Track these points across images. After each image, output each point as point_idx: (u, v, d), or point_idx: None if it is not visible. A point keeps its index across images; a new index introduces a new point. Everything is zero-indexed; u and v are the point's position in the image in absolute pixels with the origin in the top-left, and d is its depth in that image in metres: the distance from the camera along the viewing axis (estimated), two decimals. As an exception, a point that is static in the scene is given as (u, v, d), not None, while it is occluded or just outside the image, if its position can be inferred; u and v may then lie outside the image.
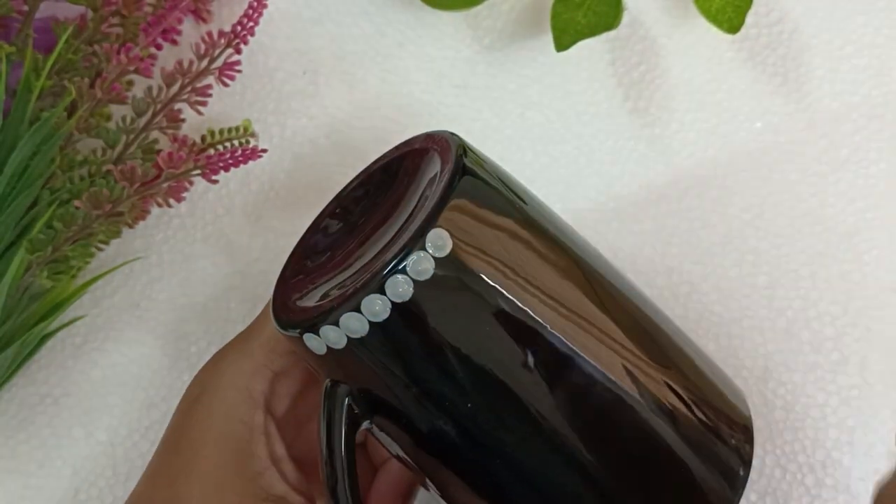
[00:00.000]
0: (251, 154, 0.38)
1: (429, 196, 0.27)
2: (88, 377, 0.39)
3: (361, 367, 0.27)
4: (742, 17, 0.39)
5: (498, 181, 0.28)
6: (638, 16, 0.42)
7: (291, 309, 0.28)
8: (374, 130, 0.42)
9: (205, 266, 0.40)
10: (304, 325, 0.27)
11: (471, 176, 0.27)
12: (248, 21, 0.38)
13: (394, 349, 0.26)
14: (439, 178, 0.27)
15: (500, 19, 0.43)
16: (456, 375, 0.26)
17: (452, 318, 0.26)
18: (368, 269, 0.26)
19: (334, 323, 0.26)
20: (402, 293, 0.25)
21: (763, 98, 0.42)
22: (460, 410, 0.27)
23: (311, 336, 0.27)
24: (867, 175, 0.41)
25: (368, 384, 0.28)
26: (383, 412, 0.28)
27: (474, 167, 0.27)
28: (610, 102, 0.42)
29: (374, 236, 0.28)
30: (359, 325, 0.26)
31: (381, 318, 0.25)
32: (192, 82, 0.37)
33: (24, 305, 0.36)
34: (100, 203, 0.36)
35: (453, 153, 0.27)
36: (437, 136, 0.29)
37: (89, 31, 0.38)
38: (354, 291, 0.25)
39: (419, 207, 0.27)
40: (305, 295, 0.29)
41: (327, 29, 0.42)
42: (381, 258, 0.26)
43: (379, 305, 0.25)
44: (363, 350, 0.26)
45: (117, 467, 0.38)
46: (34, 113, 0.36)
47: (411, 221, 0.26)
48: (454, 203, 0.26)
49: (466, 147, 0.28)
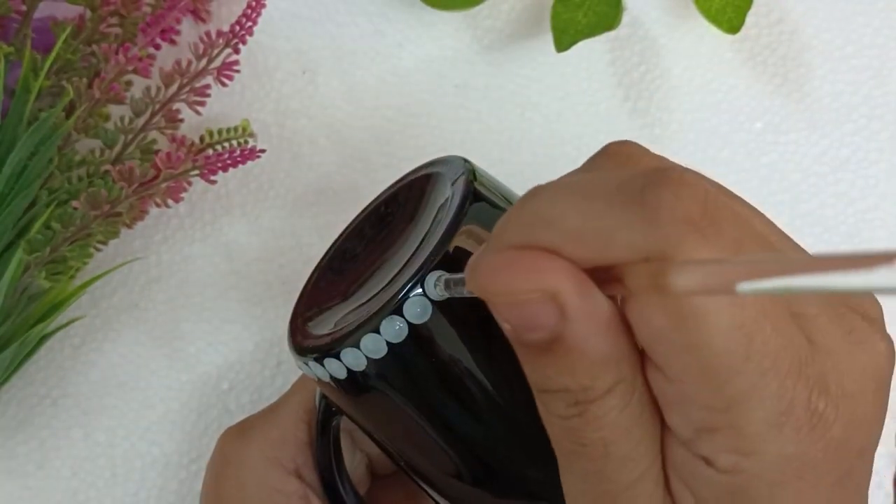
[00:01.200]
0: (250, 154, 0.38)
1: (440, 222, 0.27)
2: (87, 378, 0.39)
3: (377, 390, 0.27)
4: (742, 18, 0.39)
5: (508, 205, 0.28)
6: (638, 16, 0.42)
7: (306, 335, 0.29)
8: (374, 130, 0.41)
9: (204, 266, 0.40)
10: (321, 351, 0.27)
11: (481, 201, 0.27)
12: (247, 21, 0.38)
13: (411, 369, 0.26)
14: (449, 204, 0.27)
15: (500, 19, 0.43)
16: (472, 393, 0.27)
17: (463, 342, 0.26)
18: (384, 293, 0.26)
19: (354, 345, 0.26)
20: (419, 314, 0.25)
21: (763, 98, 0.42)
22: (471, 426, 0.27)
23: (331, 360, 0.27)
24: (867, 175, 0.41)
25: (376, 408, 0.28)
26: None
27: (484, 192, 0.27)
28: (610, 102, 0.42)
29: (387, 264, 0.28)
30: (378, 347, 0.26)
31: (399, 338, 0.26)
32: (190, 82, 0.37)
33: (22, 306, 0.36)
34: (98, 203, 0.35)
35: (463, 178, 0.28)
36: (447, 161, 0.30)
37: (88, 31, 0.38)
38: (373, 315, 0.26)
39: (429, 235, 0.27)
40: (319, 320, 0.29)
41: (327, 29, 0.42)
42: (402, 278, 0.26)
43: (398, 327, 0.25)
44: (385, 370, 0.26)
45: (116, 468, 0.38)
46: (32, 113, 0.36)
47: (422, 250, 0.26)
48: (464, 230, 0.26)
49: (476, 172, 0.28)
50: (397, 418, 0.28)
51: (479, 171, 0.29)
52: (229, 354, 0.39)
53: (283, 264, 0.40)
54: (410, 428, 0.28)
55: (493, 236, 0.20)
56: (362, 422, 0.29)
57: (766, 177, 0.41)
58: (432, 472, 0.29)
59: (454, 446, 0.27)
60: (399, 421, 0.28)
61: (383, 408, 0.27)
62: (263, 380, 0.39)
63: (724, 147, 0.41)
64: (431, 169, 0.30)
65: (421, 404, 0.27)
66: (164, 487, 0.38)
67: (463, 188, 0.27)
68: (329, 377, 0.27)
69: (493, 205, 0.28)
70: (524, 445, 0.27)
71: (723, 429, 0.19)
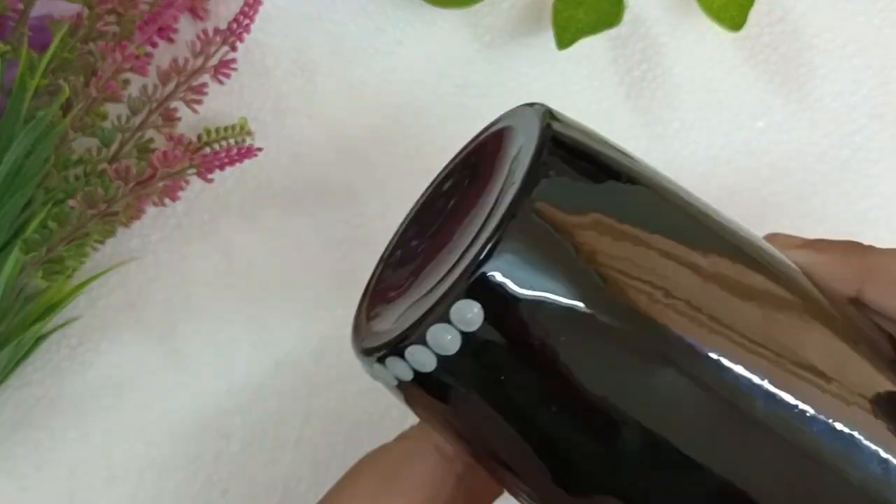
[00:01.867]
0: (248, 153, 0.38)
1: (515, 173, 0.22)
2: (84, 378, 0.39)
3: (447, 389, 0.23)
4: (745, 15, 0.39)
5: (602, 145, 0.23)
6: (640, 13, 0.42)
7: (369, 334, 0.24)
8: (373, 129, 0.41)
9: (201, 266, 0.40)
10: (384, 349, 0.22)
11: (563, 144, 0.22)
12: (245, 18, 0.38)
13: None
14: (518, 158, 0.22)
15: (501, 17, 0.42)
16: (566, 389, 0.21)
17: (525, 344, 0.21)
18: (450, 277, 0.22)
19: (420, 342, 0.21)
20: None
21: (765, 97, 0.42)
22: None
23: (394, 360, 0.22)
24: (869, 175, 0.41)
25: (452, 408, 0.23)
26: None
27: (566, 134, 0.22)
28: (611, 100, 0.42)
29: (456, 240, 0.24)
30: (449, 340, 0.21)
31: (474, 327, 0.21)
32: (187, 80, 0.37)
33: (18, 306, 0.36)
34: (95, 202, 0.35)
35: (537, 124, 0.23)
36: (517, 113, 0.25)
37: (85, 29, 0.37)
38: (439, 301, 0.21)
39: (503, 194, 0.22)
40: (383, 317, 0.25)
41: (325, 26, 0.42)
42: (467, 258, 0.21)
43: (472, 314, 0.20)
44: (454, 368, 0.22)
45: (113, 469, 0.38)
46: (29, 112, 0.36)
47: (494, 215, 0.22)
48: (548, 178, 0.21)
49: (553, 112, 0.23)
50: (483, 426, 0.23)
51: (559, 112, 0.24)
52: (227, 354, 0.39)
53: (281, 264, 0.40)
54: (499, 435, 0.23)
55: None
56: (448, 434, 0.25)
57: (768, 176, 0.41)
58: (523, 473, 0.24)
59: (540, 443, 0.22)
60: (485, 428, 0.23)
61: (467, 416, 0.23)
62: (261, 380, 0.39)
63: (725, 146, 0.41)
64: (500, 125, 0.26)
65: (510, 402, 0.22)
66: (162, 488, 0.38)
67: (539, 131, 0.22)
68: (397, 381, 0.23)
69: (580, 147, 0.23)
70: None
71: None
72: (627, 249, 0.21)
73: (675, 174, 0.41)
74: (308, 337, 0.39)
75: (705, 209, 0.24)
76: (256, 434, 0.38)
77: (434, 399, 0.23)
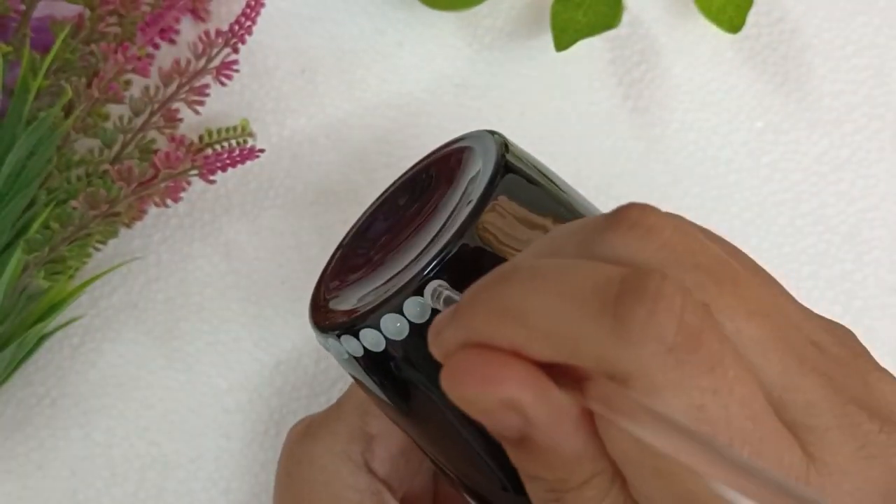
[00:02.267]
0: (249, 154, 0.38)
1: (471, 194, 0.26)
2: (86, 378, 0.39)
3: (397, 369, 0.27)
4: (743, 17, 0.39)
5: (543, 179, 0.28)
6: (638, 15, 0.42)
7: (328, 311, 0.28)
8: (374, 129, 0.41)
9: (203, 266, 0.40)
10: (342, 328, 0.26)
11: (513, 174, 0.26)
12: (246, 20, 0.38)
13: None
14: (479, 177, 0.27)
15: (500, 18, 0.42)
16: None
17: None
18: (406, 273, 0.26)
19: (374, 326, 0.25)
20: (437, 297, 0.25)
21: (764, 97, 0.42)
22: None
23: (348, 338, 0.26)
24: (868, 175, 0.41)
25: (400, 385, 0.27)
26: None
27: (517, 164, 0.27)
28: (610, 102, 0.42)
29: (415, 239, 0.28)
30: (398, 328, 0.25)
31: (423, 319, 0.25)
32: (189, 82, 0.37)
33: (21, 306, 0.36)
34: (97, 203, 0.35)
35: (495, 151, 0.27)
36: (478, 136, 0.29)
37: (87, 30, 0.38)
38: (395, 293, 0.25)
39: (458, 209, 0.26)
40: (342, 296, 0.28)
41: (326, 28, 0.42)
42: (423, 260, 0.26)
43: (419, 308, 0.25)
44: (400, 351, 0.26)
45: (115, 468, 0.38)
46: (31, 113, 0.36)
47: (449, 226, 0.26)
48: (496, 203, 0.25)
49: (509, 144, 0.28)
50: (421, 405, 0.27)
51: (512, 144, 0.28)
52: (228, 354, 0.39)
53: (282, 264, 0.40)
54: (433, 414, 0.27)
55: (459, 310, 0.20)
56: (387, 408, 0.28)
57: (767, 176, 0.41)
58: (455, 457, 0.28)
59: (473, 435, 0.27)
60: (423, 407, 0.27)
61: (407, 392, 0.27)
62: (262, 379, 0.39)
63: (724, 146, 0.41)
64: (463, 143, 0.30)
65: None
66: (164, 487, 0.38)
67: (494, 160, 0.26)
68: (347, 355, 0.27)
69: (528, 178, 0.27)
70: None
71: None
72: None
73: (674, 174, 0.42)
74: (308, 337, 0.39)
75: None
76: (257, 433, 0.39)
77: (377, 374, 0.27)
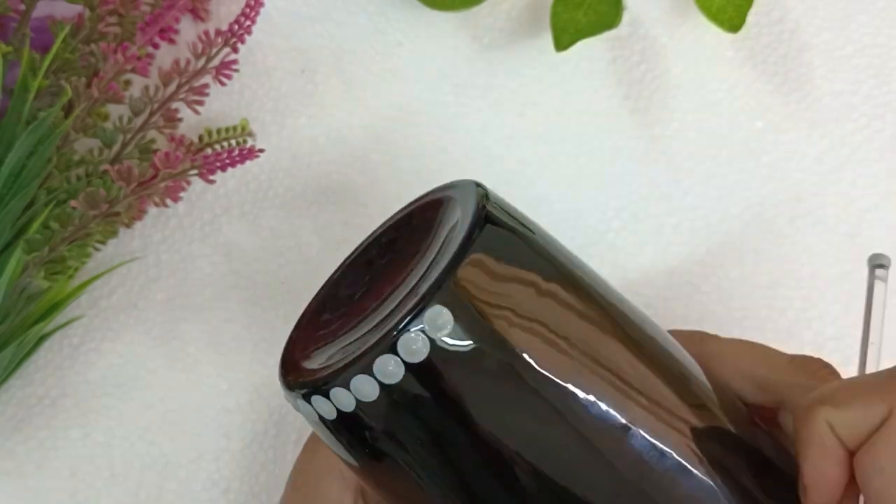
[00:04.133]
0: (249, 154, 0.38)
1: (447, 249, 0.25)
2: (86, 378, 0.39)
3: (370, 429, 0.25)
4: (743, 17, 0.39)
5: (524, 229, 0.27)
6: (638, 15, 0.42)
7: (299, 369, 0.27)
8: (373, 129, 0.41)
9: (202, 266, 0.40)
10: (312, 387, 0.25)
11: (493, 224, 0.25)
12: (246, 20, 0.38)
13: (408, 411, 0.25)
14: (458, 228, 0.26)
15: (500, 18, 0.42)
16: (476, 443, 0.25)
17: (469, 382, 0.24)
18: (380, 328, 0.24)
19: (344, 385, 0.24)
20: (415, 352, 0.23)
21: (764, 97, 0.42)
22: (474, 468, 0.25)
23: (318, 398, 0.25)
24: (868, 175, 0.41)
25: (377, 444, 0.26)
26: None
27: (497, 214, 0.26)
28: (610, 102, 0.42)
29: (391, 293, 0.27)
30: (370, 388, 0.24)
31: (394, 380, 0.24)
32: (189, 81, 0.37)
33: (21, 306, 0.36)
34: (97, 203, 0.35)
35: (474, 201, 0.26)
36: (459, 185, 0.28)
37: (86, 30, 0.38)
38: (365, 352, 0.24)
39: (436, 262, 0.25)
40: (313, 354, 0.27)
41: (326, 27, 0.42)
42: (392, 318, 0.24)
43: (392, 366, 0.23)
44: (375, 412, 0.25)
45: (115, 468, 0.38)
46: (31, 112, 0.36)
47: (426, 279, 0.25)
48: (472, 258, 0.24)
49: (490, 195, 0.26)
50: (393, 470, 0.26)
51: (493, 194, 0.27)
52: (228, 354, 0.39)
53: (282, 264, 0.40)
54: (403, 479, 0.26)
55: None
56: (356, 466, 0.27)
57: (767, 176, 0.41)
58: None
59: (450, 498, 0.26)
60: (393, 470, 0.26)
61: (377, 454, 0.26)
62: (262, 379, 0.39)
63: (724, 146, 0.41)
64: (443, 193, 0.28)
65: (418, 453, 0.25)
66: (163, 487, 0.38)
67: (473, 212, 0.25)
68: (318, 417, 0.25)
69: (509, 229, 0.26)
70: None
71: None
72: (535, 329, 0.25)
73: (673, 175, 0.42)
74: (308, 336, 0.39)
75: (611, 301, 0.27)
76: (257, 433, 0.39)
77: (347, 434, 0.26)
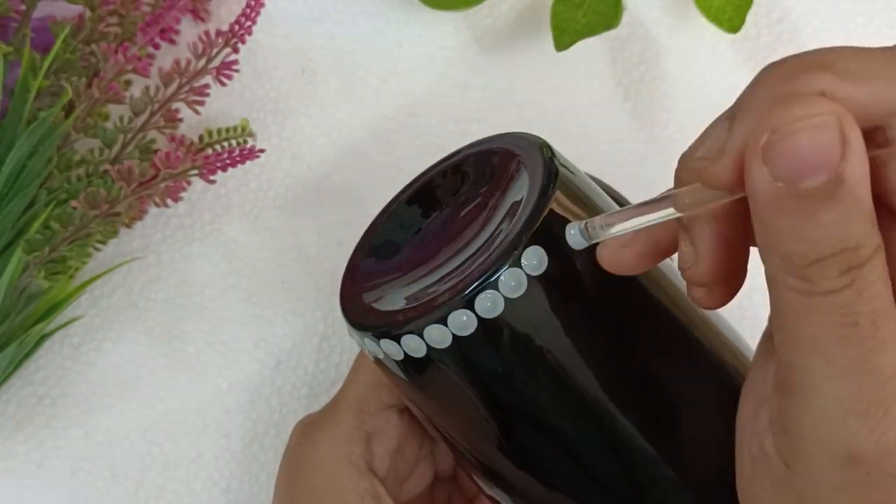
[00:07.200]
0: (249, 154, 0.38)
1: (524, 203, 0.25)
2: (86, 378, 0.39)
3: (443, 376, 0.26)
4: (742, 17, 0.39)
5: (589, 187, 0.27)
6: (638, 15, 0.42)
7: (365, 308, 0.27)
8: (374, 130, 0.41)
9: (203, 266, 0.40)
10: (383, 330, 0.25)
11: (563, 183, 0.26)
12: (246, 20, 0.38)
13: (489, 355, 0.25)
14: (532, 180, 0.26)
15: (500, 19, 0.43)
16: (544, 390, 0.25)
17: (563, 319, 0.25)
18: (462, 273, 0.25)
19: (418, 333, 0.25)
20: (490, 308, 0.24)
21: (763, 98, 0.42)
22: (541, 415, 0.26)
23: (388, 342, 0.25)
24: (868, 175, 0.41)
25: (448, 395, 0.27)
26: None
27: (565, 172, 0.26)
28: (610, 102, 0.42)
29: (457, 241, 0.27)
30: (442, 337, 0.25)
31: (468, 331, 0.24)
32: (189, 82, 0.37)
33: (21, 306, 0.36)
34: (97, 203, 0.36)
35: (541, 154, 0.26)
36: (515, 137, 0.28)
37: (87, 30, 0.38)
38: (450, 298, 0.24)
39: (512, 216, 0.26)
40: (379, 294, 0.27)
41: (326, 28, 0.42)
42: (472, 266, 0.25)
43: (478, 311, 0.24)
44: (453, 356, 0.25)
45: (115, 468, 0.38)
46: (31, 113, 0.36)
47: (501, 232, 0.25)
48: (550, 212, 0.25)
49: (554, 151, 0.27)
50: (460, 407, 0.26)
51: (554, 149, 0.28)
52: (228, 354, 0.39)
53: (282, 264, 0.40)
54: (472, 414, 0.26)
55: (755, 92, 0.20)
56: (427, 408, 0.28)
57: (766, 176, 0.41)
58: (493, 469, 0.27)
59: (531, 447, 0.26)
60: (463, 410, 0.26)
61: (455, 395, 0.26)
62: (263, 379, 0.39)
63: (724, 147, 0.41)
64: (502, 143, 0.28)
65: (510, 393, 0.25)
66: (164, 487, 0.38)
67: (544, 164, 0.26)
68: (383, 354, 0.26)
69: (575, 175, 0.27)
70: (609, 454, 0.26)
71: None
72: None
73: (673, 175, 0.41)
74: (308, 337, 0.39)
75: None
76: (258, 433, 0.39)
77: (413, 377, 0.26)
